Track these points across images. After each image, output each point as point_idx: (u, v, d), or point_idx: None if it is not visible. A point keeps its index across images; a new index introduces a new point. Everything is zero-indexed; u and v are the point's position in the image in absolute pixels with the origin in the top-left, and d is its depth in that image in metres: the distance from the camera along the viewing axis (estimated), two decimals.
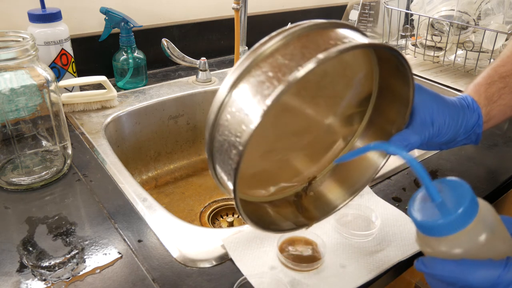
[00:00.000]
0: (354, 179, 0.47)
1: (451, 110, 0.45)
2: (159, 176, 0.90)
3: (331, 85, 0.42)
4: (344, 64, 0.41)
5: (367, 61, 0.42)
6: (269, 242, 0.49)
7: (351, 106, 0.46)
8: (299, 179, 0.48)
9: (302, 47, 0.33)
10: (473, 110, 0.47)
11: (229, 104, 0.34)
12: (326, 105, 0.44)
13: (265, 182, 0.46)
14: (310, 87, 0.41)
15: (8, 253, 0.47)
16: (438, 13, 1.04)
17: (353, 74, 0.43)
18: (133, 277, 0.44)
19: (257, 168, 0.44)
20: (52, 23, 0.77)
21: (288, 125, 0.43)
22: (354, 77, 0.43)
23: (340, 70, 0.41)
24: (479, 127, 0.47)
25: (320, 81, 0.41)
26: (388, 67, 0.42)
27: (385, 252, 0.49)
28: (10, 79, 0.55)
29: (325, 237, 0.50)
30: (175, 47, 0.94)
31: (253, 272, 0.45)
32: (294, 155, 0.47)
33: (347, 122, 0.47)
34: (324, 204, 0.47)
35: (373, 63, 0.43)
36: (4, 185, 0.57)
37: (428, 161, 0.68)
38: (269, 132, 0.41)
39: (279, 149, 0.44)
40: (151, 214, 0.53)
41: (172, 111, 0.89)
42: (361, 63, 0.42)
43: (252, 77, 0.33)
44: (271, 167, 0.45)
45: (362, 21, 1.23)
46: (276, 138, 0.43)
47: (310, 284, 0.44)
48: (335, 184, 0.48)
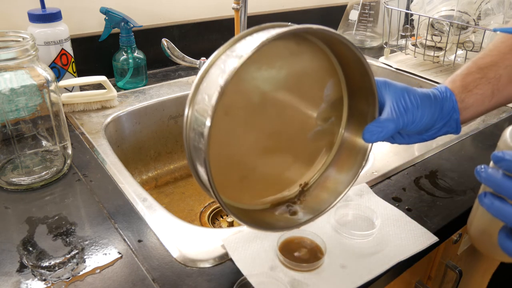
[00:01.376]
0: (343, 177, 0.48)
1: (423, 97, 0.46)
2: (159, 176, 0.90)
3: (301, 87, 0.44)
4: (306, 64, 0.43)
5: (326, 58, 0.45)
6: (269, 242, 0.49)
7: (327, 106, 0.47)
8: (291, 187, 0.49)
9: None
10: (446, 96, 0.47)
11: (195, 101, 0.38)
12: (302, 108, 0.46)
13: (257, 192, 0.47)
14: (278, 89, 0.43)
15: (8, 253, 0.47)
16: (438, 13, 1.04)
17: (318, 73, 0.45)
18: (133, 277, 0.44)
19: (246, 173, 0.45)
20: (52, 23, 0.77)
21: (265, 126, 0.44)
22: (320, 76, 0.45)
23: (303, 70, 0.43)
24: (456, 112, 0.47)
25: (288, 82, 0.43)
26: (345, 58, 0.44)
27: (385, 252, 0.49)
28: (10, 79, 0.55)
29: (325, 237, 0.50)
30: (175, 47, 0.94)
31: (253, 272, 0.45)
32: (281, 161, 0.47)
33: (327, 121, 0.48)
34: (316, 206, 0.48)
35: (332, 59, 0.45)
36: (4, 185, 0.57)
37: (428, 161, 0.69)
38: (245, 131, 0.43)
39: (260, 153, 0.45)
40: (151, 214, 0.53)
41: (172, 111, 0.89)
42: (321, 62, 0.44)
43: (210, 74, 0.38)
44: (260, 175, 0.46)
45: (362, 21, 1.23)
46: (255, 140, 0.44)
47: (310, 284, 0.44)
48: (326, 187, 0.49)
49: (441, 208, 0.57)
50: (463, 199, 0.59)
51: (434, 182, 0.63)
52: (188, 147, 0.40)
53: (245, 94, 0.41)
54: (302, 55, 0.43)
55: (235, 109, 0.41)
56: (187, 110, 0.39)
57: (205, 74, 0.39)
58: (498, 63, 0.50)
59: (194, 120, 0.38)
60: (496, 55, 0.50)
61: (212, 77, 0.38)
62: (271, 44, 0.36)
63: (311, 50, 0.44)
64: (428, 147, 0.72)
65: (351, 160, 0.48)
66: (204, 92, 0.38)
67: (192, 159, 0.40)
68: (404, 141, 0.50)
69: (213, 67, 0.38)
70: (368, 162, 0.68)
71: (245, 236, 0.50)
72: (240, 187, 0.45)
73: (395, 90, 0.45)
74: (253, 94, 0.42)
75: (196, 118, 0.38)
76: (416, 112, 0.44)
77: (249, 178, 0.46)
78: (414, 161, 0.68)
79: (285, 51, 0.42)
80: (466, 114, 0.49)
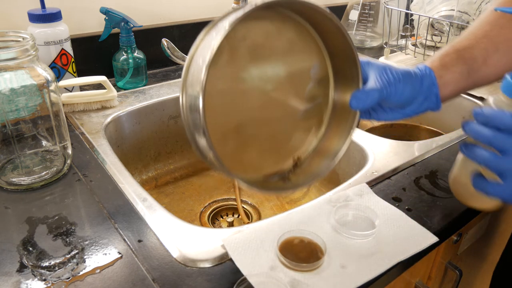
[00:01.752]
0: (333, 147, 0.50)
1: (404, 73, 0.49)
2: (159, 176, 0.90)
3: (288, 65, 0.47)
4: (291, 42, 0.46)
5: (310, 36, 0.47)
6: (269, 242, 0.49)
7: (315, 84, 0.49)
8: (285, 161, 0.50)
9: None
10: (425, 73, 0.51)
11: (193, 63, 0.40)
12: (291, 85, 0.48)
13: (251, 166, 0.48)
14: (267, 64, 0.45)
15: (8, 253, 0.47)
16: (438, 13, 1.04)
17: (304, 52, 0.47)
18: (133, 277, 0.44)
19: (240, 146, 0.46)
20: (52, 23, 0.77)
21: (257, 100, 0.46)
22: (306, 55, 0.48)
23: (290, 49, 0.46)
24: (435, 86, 0.51)
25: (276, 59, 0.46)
26: (327, 33, 0.47)
27: (385, 252, 0.49)
28: (10, 79, 0.55)
29: (325, 237, 0.50)
30: (175, 47, 0.94)
31: (253, 272, 0.45)
32: (273, 136, 0.49)
33: (316, 100, 0.50)
34: (310, 175, 0.49)
35: (315, 37, 0.48)
36: (4, 185, 0.57)
37: (428, 161, 0.69)
38: (237, 101, 0.45)
39: (253, 124, 0.47)
40: (151, 214, 0.53)
41: (172, 111, 0.89)
42: (306, 40, 0.47)
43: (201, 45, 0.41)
44: (254, 148, 0.48)
45: (362, 21, 1.23)
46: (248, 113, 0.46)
47: (310, 284, 0.44)
48: (318, 158, 0.51)
49: (441, 208, 0.57)
50: None
51: (434, 182, 0.63)
52: (186, 119, 0.42)
53: (234, 68, 0.43)
54: (287, 33, 0.46)
55: (226, 79, 0.43)
56: (181, 94, 0.41)
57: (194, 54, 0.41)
58: (474, 46, 0.53)
59: (189, 97, 0.40)
60: (472, 39, 0.54)
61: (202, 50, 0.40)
62: (257, 22, 0.40)
63: (296, 29, 0.46)
64: (428, 147, 0.72)
65: (339, 132, 0.50)
66: (195, 63, 0.40)
67: (192, 133, 0.42)
68: (387, 116, 0.52)
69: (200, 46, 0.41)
70: (368, 162, 0.68)
71: (245, 236, 0.50)
72: (233, 160, 0.45)
73: (378, 67, 0.49)
74: (242, 69, 0.44)
75: (190, 95, 0.40)
76: (398, 84, 0.48)
77: (242, 151, 0.46)
78: (414, 161, 0.68)
79: (272, 28, 0.44)
80: (445, 91, 0.52)
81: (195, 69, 0.39)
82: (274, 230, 0.51)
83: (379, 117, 0.53)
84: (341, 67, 0.49)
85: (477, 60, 0.53)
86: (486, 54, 0.53)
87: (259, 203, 0.86)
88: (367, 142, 0.74)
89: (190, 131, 0.42)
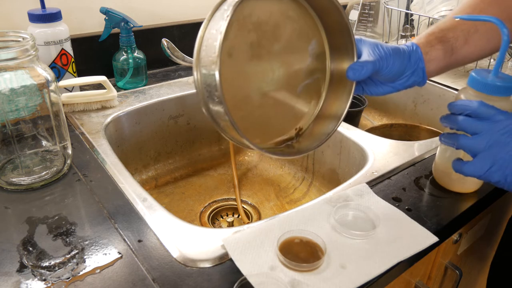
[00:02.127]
0: (332, 117, 0.54)
1: (393, 48, 0.54)
2: (159, 176, 0.90)
3: (289, 41, 0.50)
4: (290, 19, 0.50)
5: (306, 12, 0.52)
6: (269, 242, 0.49)
7: (313, 59, 0.54)
8: (289, 131, 0.54)
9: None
10: (412, 49, 0.55)
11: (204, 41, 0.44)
12: (291, 60, 0.52)
13: (259, 136, 0.51)
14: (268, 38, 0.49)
15: (8, 253, 0.47)
16: (438, 13, 1.04)
17: (303, 28, 0.52)
18: (133, 277, 0.44)
19: (246, 115, 0.49)
20: (52, 23, 0.77)
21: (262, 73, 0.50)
22: (304, 32, 0.52)
23: (288, 24, 0.50)
24: (421, 61, 0.55)
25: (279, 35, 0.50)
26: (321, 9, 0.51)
27: (385, 252, 0.49)
28: (10, 79, 0.55)
29: (325, 237, 0.50)
30: (175, 47, 0.94)
31: (253, 272, 0.45)
32: (277, 107, 0.52)
33: (314, 74, 0.54)
34: (311, 142, 0.53)
35: (313, 14, 0.52)
36: (4, 185, 0.57)
37: (428, 161, 0.69)
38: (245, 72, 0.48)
39: (258, 96, 0.50)
40: (151, 214, 0.53)
41: (172, 111, 0.89)
42: (303, 16, 0.51)
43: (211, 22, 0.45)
44: (260, 118, 0.51)
45: (362, 21, 1.23)
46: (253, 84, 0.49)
47: (310, 284, 0.44)
48: (319, 128, 0.55)
49: (441, 208, 0.57)
50: (463, 199, 0.59)
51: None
52: (201, 91, 0.45)
53: (242, 42, 0.47)
54: (288, 12, 0.50)
55: (237, 52, 0.47)
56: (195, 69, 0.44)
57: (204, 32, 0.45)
58: (456, 27, 0.58)
59: (204, 71, 0.43)
60: (455, 21, 0.59)
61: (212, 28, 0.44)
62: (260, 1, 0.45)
63: (295, 8, 0.50)
64: (428, 147, 0.72)
65: (337, 103, 0.54)
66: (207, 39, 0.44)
67: (206, 103, 0.45)
68: (379, 90, 0.57)
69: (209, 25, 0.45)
70: (368, 162, 0.68)
71: (245, 236, 0.50)
72: (242, 129, 0.47)
73: (370, 43, 0.53)
74: (248, 43, 0.47)
75: (205, 68, 0.43)
76: (389, 58, 0.52)
77: (250, 121, 0.49)
78: (414, 161, 0.68)
79: (274, 6, 0.49)
80: (431, 66, 0.56)
81: (209, 44, 0.42)
82: (274, 230, 0.51)
83: (371, 91, 0.57)
84: (337, 43, 0.53)
85: (459, 39, 0.58)
86: (468, 34, 0.58)
87: (259, 203, 0.86)
88: (367, 142, 0.74)
89: (204, 101, 0.45)
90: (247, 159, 0.99)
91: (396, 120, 1.11)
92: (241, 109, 0.48)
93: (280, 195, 0.88)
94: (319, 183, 0.87)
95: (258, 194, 0.88)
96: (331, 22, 0.52)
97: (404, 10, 1.11)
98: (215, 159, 0.98)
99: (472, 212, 0.60)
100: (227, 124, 0.44)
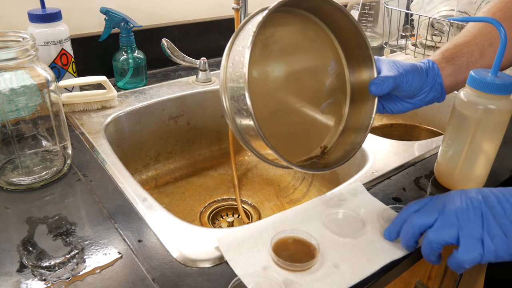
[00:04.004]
0: (355, 135, 0.55)
1: (411, 65, 0.55)
2: (159, 176, 0.90)
3: (307, 56, 0.52)
4: (310, 39, 0.52)
5: (327, 36, 0.54)
6: (263, 242, 0.49)
7: (333, 79, 0.55)
8: (314, 150, 0.55)
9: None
10: (429, 65, 0.57)
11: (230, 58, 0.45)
12: (312, 77, 0.53)
13: (286, 154, 0.50)
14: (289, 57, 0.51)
15: (8, 253, 0.47)
16: (438, 13, 1.04)
17: (321, 49, 0.53)
18: (133, 277, 0.44)
19: (273, 133, 0.50)
20: (52, 23, 0.77)
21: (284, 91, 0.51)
22: (323, 53, 0.53)
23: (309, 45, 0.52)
24: (439, 76, 0.57)
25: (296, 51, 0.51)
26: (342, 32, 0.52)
27: (378, 252, 0.49)
28: (10, 79, 0.55)
29: (319, 237, 0.50)
30: (175, 47, 0.94)
31: (246, 272, 0.45)
32: (301, 124, 0.54)
33: (335, 94, 0.56)
34: (338, 156, 0.55)
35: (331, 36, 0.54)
36: (4, 185, 0.57)
37: (428, 161, 0.69)
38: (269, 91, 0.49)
39: (283, 114, 0.51)
40: (151, 214, 0.53)
41: (172, 111, 0.89)
42: (322, 37, 0.53)
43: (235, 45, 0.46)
44: (286, 136, 0.52)
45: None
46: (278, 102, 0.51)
47: (303, 283, 0.44)
48: (344, 143, 0.56)
49: None
50: None
51: (435, 182, 0.63)
52: (228, 107, 0.46)
53: (266, 61, 0.49)
54: (307, 32, 0.51)
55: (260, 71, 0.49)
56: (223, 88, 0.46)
57: (229, 52, 0.46)
58: (471, 41, 0.60)
59: (232, 88, 0.44)
60: (468, 36, 0.61)
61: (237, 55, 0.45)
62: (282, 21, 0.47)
63: (314, 29, 0.52)
64: (428, 147, 0.72)
65: (360, 119, 0.56)
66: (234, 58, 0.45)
67: (233, 119, 0.46)
68: (399, 107, 0.57)
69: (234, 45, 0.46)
70: (368, 162, 0.68)
71: (239, 235, 0.50)
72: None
73: (387, 61, 0.54)
74: (272, 62, 0.49)
75: (233, 86, 0.44)
76: (409, 73, 0.53)
77: (276, 138, 0.49)
78: (414, 161, 0.68)
79: (294, 27, 0.50)
80: (448, 82, 0.57)
81: (236, 61, 0.44)
82: (268, 230, 0.51)
83: (391, 108, 0.58)
84: (356, 60, 0.54)
85: (474, 54, 0.59)
86: (482, 47, 0.59)
87: (259, 203, 0.86)
88: (367, 142, 0.74)
89: (231, 117, 0.46)
90: (247, 159, 0.99)
91: (396, 120, 1.11)
92: (266, 127, 0.48)
93: (280, 195, 0.88)
94: (319, 183, 0.87)
95: (258, 194, 0.88)
96: (348, 39, 0.53)
97: (404, 10, 1.11)
98: (215, 159, 0.98)
99: None
100: (256, 139, 0.44)
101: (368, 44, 0.52)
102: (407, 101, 0.57)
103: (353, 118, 0.56)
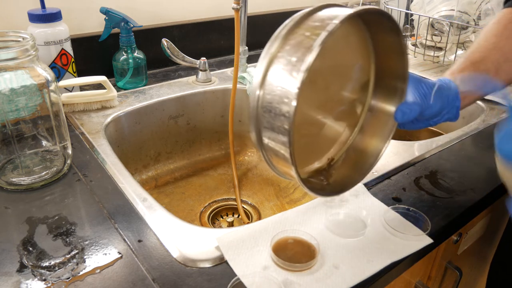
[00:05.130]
0: (369, 149, 0.53)
1: (436, 88, 0.53)
2: (159, 176, 0.90)
3: (337, 67, 0.48)
4: (344, 41, 0.47)
5: (363, 41, 0.49)
6: (263, 242, 0.49)
7: (356, 87, 0.51)
8: (321, 160, 0.52)
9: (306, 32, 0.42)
10: (450, 86, 0.55)
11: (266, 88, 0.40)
12: (340, 83, 0.50)
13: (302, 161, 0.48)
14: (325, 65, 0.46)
15: (8, 253, 0.47)
16: (438, 13, 1.04)
17: (353, 54, 0.48)
18: (133, 277, 0.44)
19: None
20: (52, 23, 0.77)
21: (313, 99, 0.47)
22: (353, 58, 0.49)
23: (342, 47, 0.47)
24: (458, 100, 0.55)
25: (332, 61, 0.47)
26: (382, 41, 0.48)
27: (378, 253, 0.49)
28: (10, 79, 0.55)
29: (319, 237, 0.50)
30: (175, 47, 0.94)
31: (246, 272, 0.45)
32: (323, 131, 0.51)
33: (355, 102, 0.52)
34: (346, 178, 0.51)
35: (368, 42, 0.49)
36: (4, 185, 0.57)
37: (428, 161, 0.69)
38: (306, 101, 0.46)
39: (310, 121, 0.48)
40: (151, 214, 0.53)
41: (172, 111, 0.89)
42: (359, 43, 0.48)
43: (276, 64, 0.39)
44: (303, 144, 0.49)
45: None
46: (308, 111, 0.48)
47: (303, 284, 0.44)
48: (351, 166, 0.53)
49: (441, 208, 0.57)
50: (463, 199, 0.59)
51: (434, 182, 0.63)
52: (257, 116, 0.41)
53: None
54: (350, 44, 0.47)
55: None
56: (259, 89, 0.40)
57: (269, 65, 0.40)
58: (486, 58, 0.58)
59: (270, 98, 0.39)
60: (483, 51, 0.59)
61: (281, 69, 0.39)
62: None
63: (355, 32, 0.47)
64: (428, 147, 0.72)
65: (374, 139, 0.53)
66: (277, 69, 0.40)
67: (258, 129, 0.42)
68: (413, 126, 0.56)
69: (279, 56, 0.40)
70: None
71: (239, 235, 0.50)
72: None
73: (413, 79, 0.51)
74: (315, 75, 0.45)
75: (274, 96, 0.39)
76: (432, 98, 0.52)
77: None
78: (414, 161, 0.68)
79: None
80: (464, 102, 0.56)
81: (283, 77, 0.39)
82: (268, 230, 0.51)
83: (405, 127, 0.56)
84: (387, 82, 0.51)
85: (490, 71, 0.58)
86: (498, 64, 0.58)
87: (259, 203, 0.86)
88: None
89: (256, 126, 0.42)
90: (247, 159, 0.99)
91: None
92: None
93: (280, 195, 0.88)
94: None
95: (258, 194, 0.88)
96: (388, 61, 0.49)
97: (404, 10, 1.11)
98: (215, 159, 0.98)
99: (472, 212, 0.60)
100: (282, 160, 0.41)
101: (407, 78, 0.49)
102: (422, 122, 0.55)
103: (367, 135, 0.53)
